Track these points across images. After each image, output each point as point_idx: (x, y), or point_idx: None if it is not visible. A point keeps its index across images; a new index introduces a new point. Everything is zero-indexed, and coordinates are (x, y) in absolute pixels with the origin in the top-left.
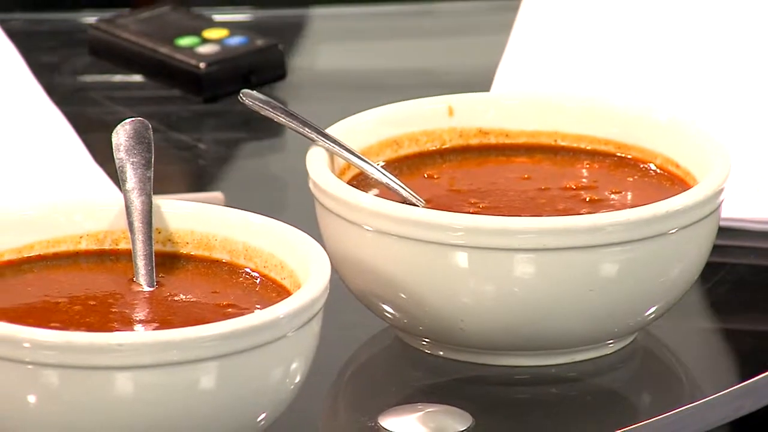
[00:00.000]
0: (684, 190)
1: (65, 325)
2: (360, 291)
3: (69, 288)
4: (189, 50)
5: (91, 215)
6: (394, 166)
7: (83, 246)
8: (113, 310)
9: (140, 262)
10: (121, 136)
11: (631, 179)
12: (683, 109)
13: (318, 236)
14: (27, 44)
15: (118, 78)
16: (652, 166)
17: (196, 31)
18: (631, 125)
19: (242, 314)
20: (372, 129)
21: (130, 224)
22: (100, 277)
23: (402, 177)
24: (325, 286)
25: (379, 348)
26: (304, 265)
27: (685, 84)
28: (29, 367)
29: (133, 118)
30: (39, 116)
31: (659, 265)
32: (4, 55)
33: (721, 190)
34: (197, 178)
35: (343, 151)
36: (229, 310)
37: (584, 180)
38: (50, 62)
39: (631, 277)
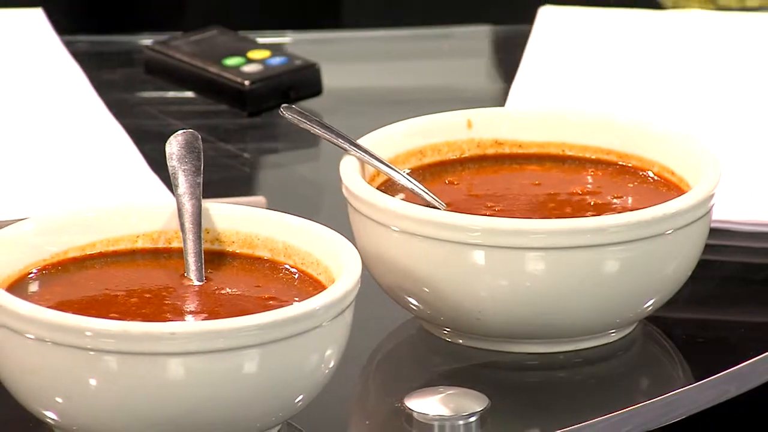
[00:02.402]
0: (679, 195)
1: (123, 316)
2: (387, 285)
3: (127, 282)
4: (235, 69)
5: (147, 217)
6: (419, 173)
7: (140, 244)
8: (166, 302)
9: (191, 259)
10: (174, 146)
11: (631, 185)
12: (678, 122)
13: (350, 236)
14: (90, 64)
15: (171, 94)
16: (650, 174)
17: (242, 52)
18: (632, 137)
19: (282, 306)
20: (399, 140)
21: (182, 225)
22: (154, 273)
23: (425, 183)
24: (357, 281)
25: (405, 337)
26: (337, 262)
27: (680, 100)
28: (90, 353)
29: (184, 130)
30: (100, 128)
31: (656, 262)
32: (70, 74)
33: (712, 195)
34: (242, 184)
35: (373, 159)
36: (270, 302)
37: (589, 186)
38: (111, 80)
39: (631, 273)
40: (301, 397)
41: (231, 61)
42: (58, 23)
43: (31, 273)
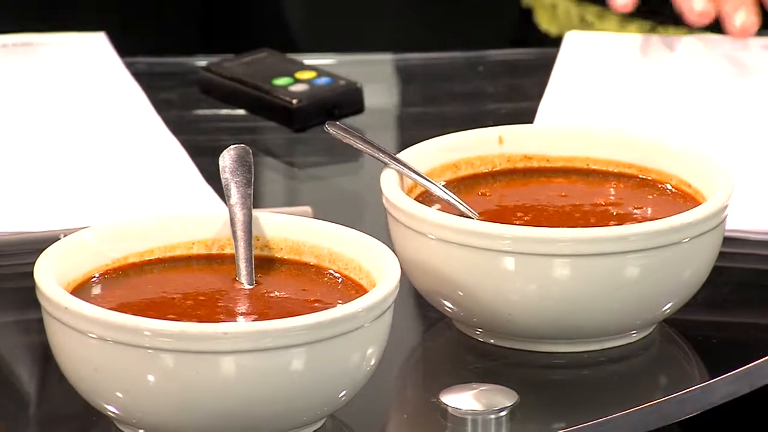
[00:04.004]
0: (695, 206)
1: (179, 317)
2: (424, 289)
3: (183, 286)
4: (283, 89)
5: (202, 225)
6: (453, 185)
7: (195, 251)
8: (219, 304)
9: (242, 265)
10: (227, 159)
11: (650, 197)
12: (694, 139)
13: (389, 243)
14: (149, 83)
15: (224, 112)
16: (669, 186)
17: (290, 73)
18: (651, 152)
19: (326, 308)
20: (435, 154)
21: (234, 233)
22: (208, 277)
23: (460, 194)
24: (396, 285)
25: (440, 336)
26: (378, 268)
27: (696, 118)
28: (149, 351)
29: (236, 145)
30: (159, 143)
31: (674, 268)
32: (131, 93)
33: (726, 207)
34: (289, 195)
35: (411, 172)
36: (316, 304)
37: (612, 197)
38: (168, 98)
39: (650, 279)
40: (344, 392)
41: (280, 81)
42: (120, 46)
43: (94, 277)
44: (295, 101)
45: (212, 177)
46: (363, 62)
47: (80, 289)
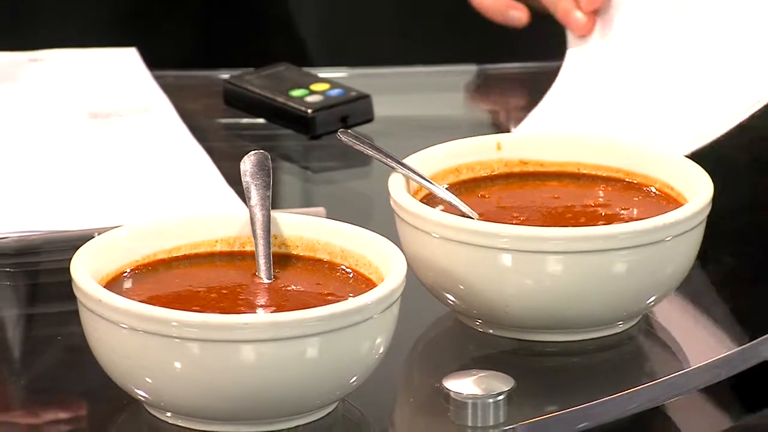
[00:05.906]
0: (677, 208)
1: (204, 309)
2: (428, 284)
3: (207, 280)
4: (300, 99)
5: (224, 224)
6: (455, 188)
7: (218, 248)
8: (240, 297)
9: (261, 261)
10: (247, 164)
11: (636, 199)
12: (677, 144)
13: (397, 241)
14: (176, 94)
15: (245, 120)
16: (653, 189)
17: (305, 85)
18: (638, 157)
19: (339, 301)
20: (438, 159)
21: (254, 232)
22: (230, 272)
23: (461, 196)
24: (402, 280)
25: (443, 327)
26: (386, 264)
27: (681, 125)
28: (176, 341)
29: (256, 151)
30: (185, 149)
31: (658, 264)
32: (160, 103)
33: (706, 208)
34: (305, 197)
35: (417, 176)
36: (329, 297)
37: (601, 199)
38: (193, 108)
39: (636, 274)
40: (355, 378)
41: (296, 93)
42: (150, 60)
43: (126, 272)
44: (310, 111)
45: (234, 180)
46: (373, 75)
47: (113, 284)
